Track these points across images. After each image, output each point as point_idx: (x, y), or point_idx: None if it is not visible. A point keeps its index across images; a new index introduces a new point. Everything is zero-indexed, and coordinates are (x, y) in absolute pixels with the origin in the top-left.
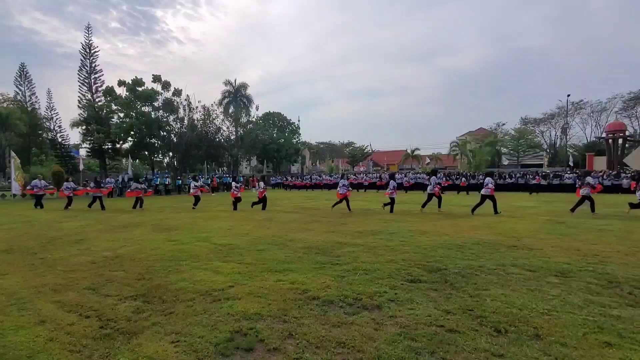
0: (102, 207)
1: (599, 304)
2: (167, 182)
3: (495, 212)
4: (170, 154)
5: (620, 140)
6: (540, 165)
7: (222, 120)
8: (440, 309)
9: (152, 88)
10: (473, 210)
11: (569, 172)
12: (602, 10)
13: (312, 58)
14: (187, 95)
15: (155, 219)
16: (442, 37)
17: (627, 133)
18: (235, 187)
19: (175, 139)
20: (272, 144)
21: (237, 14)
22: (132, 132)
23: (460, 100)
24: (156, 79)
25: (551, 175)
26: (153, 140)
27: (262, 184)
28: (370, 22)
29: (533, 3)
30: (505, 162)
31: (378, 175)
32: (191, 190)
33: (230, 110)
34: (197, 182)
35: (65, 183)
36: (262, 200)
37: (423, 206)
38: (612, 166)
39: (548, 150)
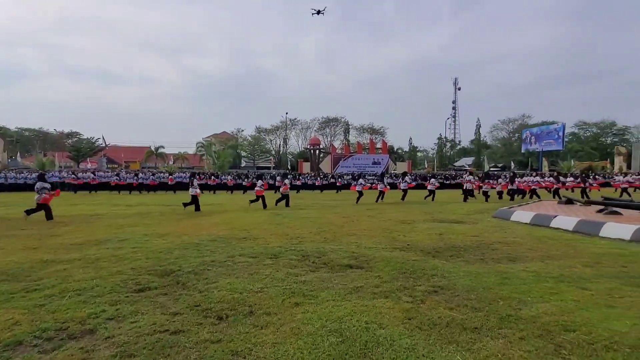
0: None
1: (295, 274)
2: None
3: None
4: None
5: (317, 151)
6: (269, 168)
7: None
8: (167, 313)
9: None
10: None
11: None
12: (309, 52)
13: (10, 9)
14: None
15: None
16: (188, 36)
17: (321, 146)
18: (260, 185)
19: None
20: None
21: None
22: None
23: (206, 103)
24: None
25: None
26: None
27: None
28: None
29: (264, 30)
30: (243, 164)
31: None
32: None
33: None
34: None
35: None
36: None
37: (402, 198)
38: (313, 169)
39: (275, 156)
